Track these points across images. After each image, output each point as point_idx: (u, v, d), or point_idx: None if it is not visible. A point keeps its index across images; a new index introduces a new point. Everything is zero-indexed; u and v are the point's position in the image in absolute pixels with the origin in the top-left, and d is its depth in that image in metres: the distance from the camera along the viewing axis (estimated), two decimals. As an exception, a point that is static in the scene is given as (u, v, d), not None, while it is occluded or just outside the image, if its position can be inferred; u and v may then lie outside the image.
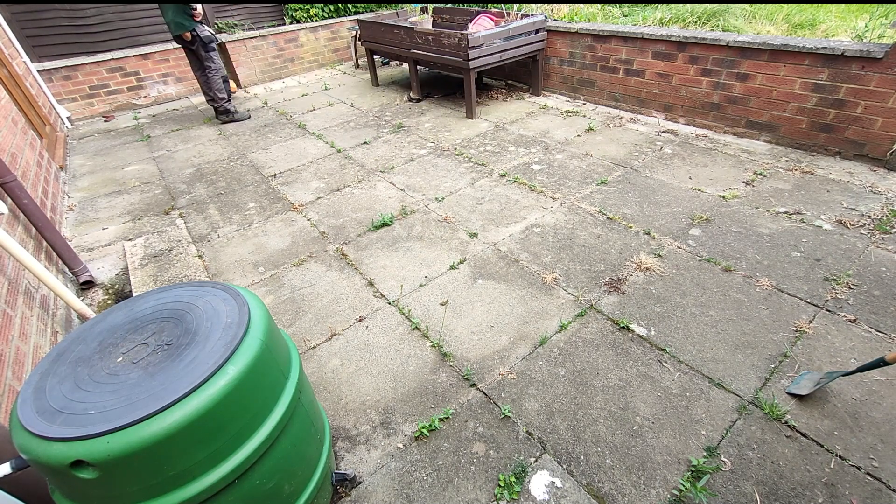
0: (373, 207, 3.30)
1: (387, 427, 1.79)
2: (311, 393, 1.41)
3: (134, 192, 3.83)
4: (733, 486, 1.52)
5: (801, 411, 1.72)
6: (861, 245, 2.53)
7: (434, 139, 4.35)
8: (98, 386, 0.94)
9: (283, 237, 3.04)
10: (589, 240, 2.77)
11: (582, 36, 4.63)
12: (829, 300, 2.20)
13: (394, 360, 2.08)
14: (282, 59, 6.90)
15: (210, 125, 5.19)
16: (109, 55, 5.64)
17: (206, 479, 0.96)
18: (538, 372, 1.96)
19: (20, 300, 2.04)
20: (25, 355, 1.84)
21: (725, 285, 2.34)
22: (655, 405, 1.79)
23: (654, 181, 3.34)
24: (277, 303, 2.48)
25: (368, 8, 7.49)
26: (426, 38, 4.67)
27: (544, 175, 3.55)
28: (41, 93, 5.10)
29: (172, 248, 3.01)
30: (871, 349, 1.94)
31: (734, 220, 2.82)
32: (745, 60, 3.61)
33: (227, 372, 0.96)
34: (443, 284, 2.50)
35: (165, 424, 0.87)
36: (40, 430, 0.86)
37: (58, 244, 2.58)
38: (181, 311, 1.12)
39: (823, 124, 3.41)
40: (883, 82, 3.04)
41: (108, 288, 2.73)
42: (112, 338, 1.08)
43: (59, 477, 0.91)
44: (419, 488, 1.58)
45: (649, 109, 4.45)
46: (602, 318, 2.21)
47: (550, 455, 1.65)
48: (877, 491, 1.47)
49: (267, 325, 1.11)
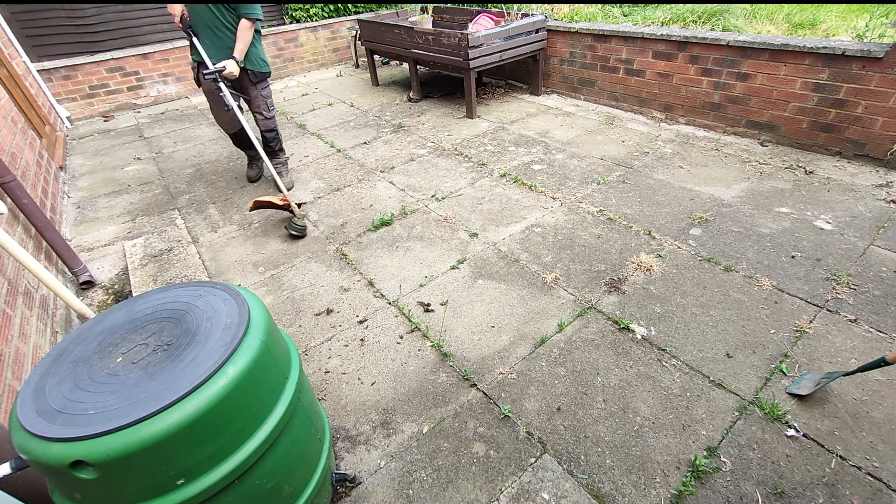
0: (373, 207, 3.29)
1: (387, 427, 1.79)
2: (311, 393, 1.41)
3: (134, 191, 3.83)
4: (734, 486, 1.52)
5: (801, 411, 1.72)
6: (861, 245, 2.52)
7: (434, 139, 4.35)
8: (98, 386, 0.94)
9: (283, 237, 3.04)
10: (589, 240, 2.77)
11: (582, 35, 4.63)
12: (830, 300, 2.20)
13: (394, 360, 2.08)
14: (281, 59, 6.89)
15: (210, 125, 5.17)
16: (109, 55, 5.64)
17: (206, 479, 0.96)
18: (538, 372, 1.95)
19: (20, 300, 2.04)
20: (25, 355, 1.84)
21: (726, 285, 2.34)
22: (656, 405, 1.79)
23: (654, 181, 3.34)
24: (277, 303, 2.48)
25: (368, 8, 7.48)
26: (426, 37, 4.67)
27: (545, 175, 3.55)
28: (41, 92, 5.10)
29: (172, 247, 3.00)
30: (872, 349, 1.94)
31: (734, 220, 2.82)
32: (746, 60, 3.61)
33: (227, 372, 0.96)
34: (443, 284, 2.50)
35: (165, 425, 0.87)
36: (40, 430, 0.86)
37: (57, 244, 2.58)
38: (181, 312, 1.12)
39: (824, 124, 3.41)
40: (883, 82, 3.04)
41: (108, 288, 2.73)
42: (112, 338, 1.07)
43: (58, 477, 0.91)
44: (419, 488, 1.58)
45: (650, 109, 4.44)
46: (602, 318, 2.21)
47: (551, 455, 1.64)
48: (877, 491, 1.47)
49: (267, 325, 1.10)
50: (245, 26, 2.96)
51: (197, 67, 3.14)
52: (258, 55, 3.17)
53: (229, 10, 2.94)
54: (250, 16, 2.96)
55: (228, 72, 2.92)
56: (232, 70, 2.92)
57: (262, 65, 3.20)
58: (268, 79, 3.32)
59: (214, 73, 2.88)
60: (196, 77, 3.18)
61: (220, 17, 2.93)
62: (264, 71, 3.24)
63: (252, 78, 3.20)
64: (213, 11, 2.89)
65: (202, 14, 2.91)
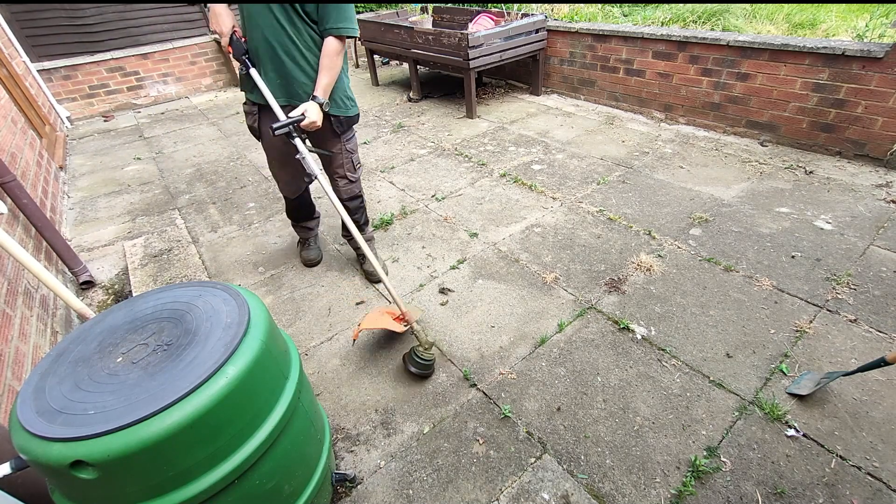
0: (373, 207, 3.29)
1: (387, 427, 1.79)
2: (312, 393, 1.41)
3: (134, 191, 3.83)
4: (734, 486, 1.52)
5: (801, 411, 1.72)
6: (861, 245, 2.52)
7: (434, 139, 4.35)
8: (98, 386, 0.94)
9: (283, 237, 3.04)
10: (589, 240, 2.77)
11: (582, 35, 4.63)
12: (830, 300, 2.20)
13: (394, 359, 2.08)
14: (282, 59, 6.89)
15: (210, 125, 5.17)
16: (109, 55, 5.64)
17: (205, 479, 0.96)
18: (538, 372, 1.95)
19: (20, 300, 2.04)
20: (25, 355, 1.84)
21: (726, 285, 2.34)
22: (656, 405, 1.79)
23: (654, 181, 3.34)
24: (277, 303, 2.48)
25: (368, 8, 7.48)
26: (426, 37, 4.67)
27: (545, 175, 3.55)
28: (41, 92, 5.10)
29: (172, 247, 3.00)
30: (872, 349, 1.94)
31: (734, 220, 2.82)
32: (746, 60, 3.61)
33: (227, 372, 0.96)
34: (443, 284, 2.50)
35: (165, 425, 0.87)
36: (40, 430, 0.86)
37: (57, 244, 2.58)
38: (181, 312, 1.12)
39: (824, 124, 3.41)
40: (883, 82, 3.04)
41: (108, 288, 2.73)
42: (112, 338, 1.07)
43: (58, 477, 0.91)
44: (419, 488, 1.58)
45: (650, 109, 4.44)
46: (602, 318, 2.21)
47: (551, 455, 1.64)
48: (877, 491, 1.47)
49: (267, 325, 1.10)
50: (334, 49, 1.89)
51: (258, 113, 2.10)
52: (344, 91, 2.11)
53: (306, 23, 1.87)
54: (344, 32, 1.88)
55: (309, 122, 1.88)
56: (314, 119, 1.89)
57: (349, 106, 2.14)
58: (355, 125, 2.25)
59: (289, 125, 1.82)
60: (254, 125, 2.14)
61: (294, 32, 1.87)
62: (352, 115, 2.17)
63: (336, 127, 2.14)
64: (280, 24, 1.84)
65: (264, 29, 1.85)
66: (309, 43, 1.92)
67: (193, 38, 6.26)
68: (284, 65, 1.94)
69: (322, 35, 1.90)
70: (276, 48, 1.89)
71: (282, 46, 1.89)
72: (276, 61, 1.93)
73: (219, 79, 6.65)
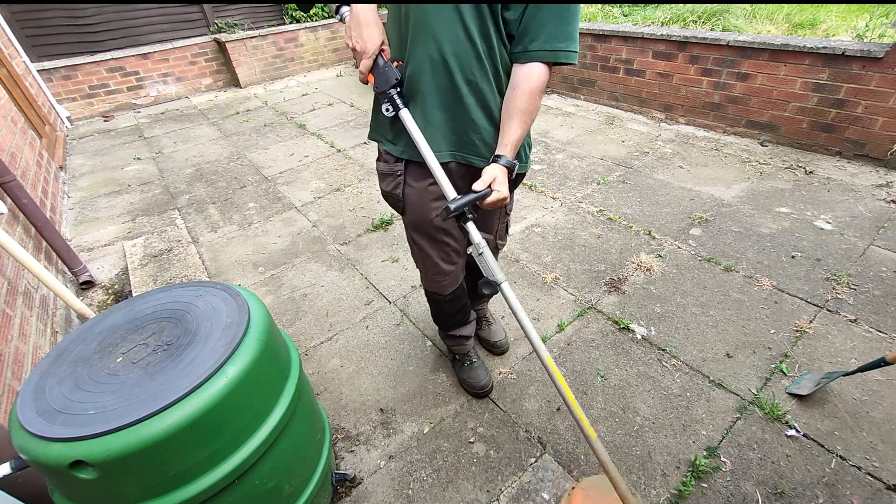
0: (373, 207, 3.29)
1: (387, 427, 1.79)
2: (312, 393, 1.40)
3: (134, 191, 3.83)
4: (734, 486, 1.52)
5: (801, 411, 1.72)
6: (861, 245, 2.52)
7: (434, 139, 4.34)
8: (98, 386, 0.94)
9: (283, 237, 3.04)
10: (589, 239, 2.77)
11: (582, 35, 4.62)
12: (830, 300, 2.20)
13: (394, 359, 2.08)
14: (282, 59, 6.89)
15: (210, 125, 5.17)
16: (109, 55, 5.64)
17: (205, 479, 0.96)
18: (538, 372, 1.95)
19: (20, 300, 2.04)
20: (25, 355, 1.84)
21: (726, 285, 2.34)
22: (656, 405, 1.79)
23: (654, 181, 3.34)
24: (277, 303, 2.47)
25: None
26: (426, 37, 4.65)
27: (544, 175, 3.55)
28: (41, 92, 5.10)
29: (172, 248, 3.00)
30: (872, 349, 1.94)
31: (734, 220, 2.82)
32: (746, 60, 3.61)
33: (227, 372, 0.96)
34: (443, 284, 2.50)
35: (165, 425, 0.87)
36: (40, 430, 0.86)
37: (57, 244, 2.58)
38: (181, 312, 1.12)
39: (824, 124, 3.41)
40: (883, 82, 3.04)
41: (108, 288, 2.73)
42: (112, 338, 1.07)
43: (58, 477, 0.91)
44: (419, 488, 1.58)
45: (650, 109, 4.44)
46: (602, 318, 2.21)
47: (550, 455, 1.64)
48: (877, 491, 1.47)
49: (267, 325, 1.10)
50: (540, 83, 1.18)
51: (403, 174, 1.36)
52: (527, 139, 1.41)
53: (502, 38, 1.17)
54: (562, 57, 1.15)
55: (497, 200, 1.20)
56: (505, 196, 1.21)
57: (528, 157, 1.44)
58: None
59: (467, 204, 1.18)
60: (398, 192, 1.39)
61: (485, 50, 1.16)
62: (525, 170, 1.44)
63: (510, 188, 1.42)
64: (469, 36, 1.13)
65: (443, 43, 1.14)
66: (500, 69, 1.21)
67: (193, 38, 6.27)
68: (462, 99, 1.22)
69: (517, 58, 1.18)
70: (454, 73, 1.18)
71: (464, 71, 1.18)
72: (449, 94, 1.22)
73: (219, 79, 6.65)
